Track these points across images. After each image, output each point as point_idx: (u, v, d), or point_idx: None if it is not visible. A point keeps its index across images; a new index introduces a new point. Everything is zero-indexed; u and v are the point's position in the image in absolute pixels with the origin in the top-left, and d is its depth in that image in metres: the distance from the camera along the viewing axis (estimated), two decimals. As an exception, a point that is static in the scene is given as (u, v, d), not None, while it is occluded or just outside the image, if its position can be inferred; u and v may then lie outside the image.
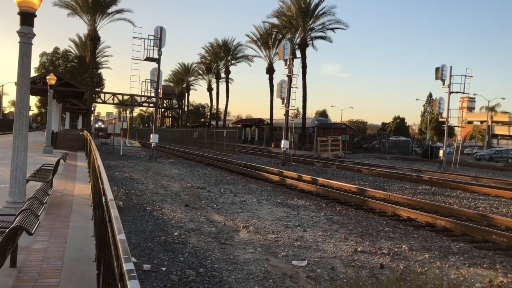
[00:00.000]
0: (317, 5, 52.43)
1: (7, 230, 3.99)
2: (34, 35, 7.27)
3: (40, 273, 4.92)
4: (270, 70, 62.43)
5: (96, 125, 61.57)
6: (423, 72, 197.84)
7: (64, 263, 5.31)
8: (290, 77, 28.62)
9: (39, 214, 5.14)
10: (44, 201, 6.50)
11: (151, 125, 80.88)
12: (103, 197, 4.08)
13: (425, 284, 4.13)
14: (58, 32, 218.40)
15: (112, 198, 3.66)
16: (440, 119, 37.92)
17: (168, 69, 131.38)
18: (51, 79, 21.38)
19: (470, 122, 75.54)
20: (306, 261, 7.07)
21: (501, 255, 7.96)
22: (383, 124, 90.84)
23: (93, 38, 47.83)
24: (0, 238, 4.03)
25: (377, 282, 5.22)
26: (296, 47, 51.38)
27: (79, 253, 5.78)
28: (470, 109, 36.66)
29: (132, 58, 28.40)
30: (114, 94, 72.12)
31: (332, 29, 53.62)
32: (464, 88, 30.96)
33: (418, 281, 4.12)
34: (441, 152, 32.89)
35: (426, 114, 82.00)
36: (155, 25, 42.88)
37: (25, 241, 5.78)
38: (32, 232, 4.29)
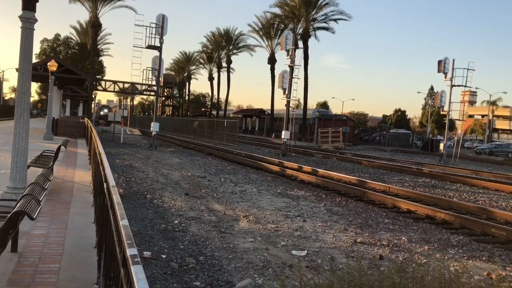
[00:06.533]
0: (320, -5, 52.11)
1: (9, 215, 3.99)
2: (36, 20, 7.21)
3: (41, 258, 4.94)
4: (272, 60, 62.16)
5: (102, 112, 60.31)
6: (425, 65, 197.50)
7: (64, 249, 5.33)
8: (292, 68, 28.51)
9: (40, 199, 5.14)
10: (45, 187, 6.50)
11: (151, 113, 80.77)
12: (105, 184, 4.07)
13: (426, 275, 4.14)
14: (59, 18, 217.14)
15: (114, 185, 3.65)
16: (441, 113, 37.82)
17: (169, 57, 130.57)
18: (52, 65, 21.30)
19: (471, 116, 75.46)
20: (306, 251, 7.09)
21: (500, 248, 7.99)
22: (384, 116, 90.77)
23: (95, 25, 47.56)
24: (2, 222, 4.03)
25: (378, 273, 5.24)
26: (299, 37, 51.13)
27: (80, 239, 5.79)
28: (472, 103, 36.56)
29: (134, 46, 28.28)
30: (115, 82, 71.81)
31: (335, 20, 53.45)
32: (466, 81, 30.81)
33: (419, 272, 4.13)
34: (441, 145, 32.86)
35: (427, 107, 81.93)
36: (157, 12, 42.56)
37: (26, 226, 5.80)
38: (34, 217, 4.29)
